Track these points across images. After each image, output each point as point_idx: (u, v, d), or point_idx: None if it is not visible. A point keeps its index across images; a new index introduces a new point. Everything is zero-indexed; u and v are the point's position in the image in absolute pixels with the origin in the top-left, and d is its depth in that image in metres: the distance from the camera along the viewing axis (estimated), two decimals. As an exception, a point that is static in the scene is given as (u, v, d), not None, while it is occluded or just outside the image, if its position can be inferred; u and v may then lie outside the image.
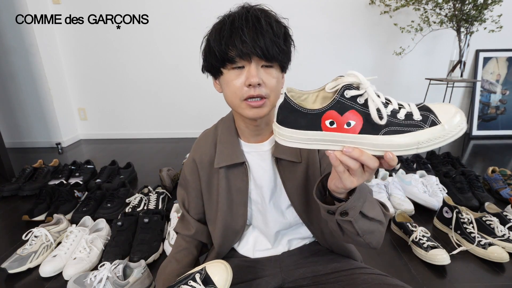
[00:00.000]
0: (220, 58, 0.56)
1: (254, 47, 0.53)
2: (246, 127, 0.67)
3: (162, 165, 1.96)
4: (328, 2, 2.42)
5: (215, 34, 0.57)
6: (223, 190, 0.69)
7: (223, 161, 0.68)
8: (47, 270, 1.04)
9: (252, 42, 0.53)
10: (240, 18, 0.54)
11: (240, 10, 0.57)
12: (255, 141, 0.68)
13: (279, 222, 0.72)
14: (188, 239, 0.75)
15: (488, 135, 2.60)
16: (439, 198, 1.38)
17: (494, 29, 2.10)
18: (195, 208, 0.75)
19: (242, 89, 0.57)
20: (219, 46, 0.55)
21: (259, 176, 0.70)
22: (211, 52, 0.58)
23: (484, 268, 1.05)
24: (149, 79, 2.68)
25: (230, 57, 0.55)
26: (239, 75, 0.57)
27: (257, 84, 0.55)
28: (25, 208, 1.53)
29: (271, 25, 0.54)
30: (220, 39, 0.55)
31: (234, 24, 0.54)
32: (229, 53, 0.55)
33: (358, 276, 0.65)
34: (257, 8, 0.57)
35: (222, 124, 0.72)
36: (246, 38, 0.53)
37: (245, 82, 0.56)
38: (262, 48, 0.53)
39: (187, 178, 0.74)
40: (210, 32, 0.59)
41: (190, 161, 0.73)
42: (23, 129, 2.61)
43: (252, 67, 0.55)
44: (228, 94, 0.60)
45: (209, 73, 0.64)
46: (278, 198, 0.71)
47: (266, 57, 0.54)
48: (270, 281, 0.71)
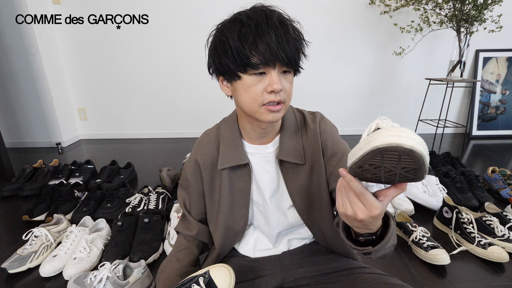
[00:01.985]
0: (241, 63, 0.54)
1: (279, 54, 0.52)
2: (252, 129, 0.66)
3: (162, 165, 1.96)
4: (328, 2, 2.42)
5: (236, 36, 0.53)
6: (225, 191, 0.69)
7: (227, 162, 0.67)
8: (47, 270, 1.04)
9: (277, 48, 0.52)
10: (265, 22, 0.52)
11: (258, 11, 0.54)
12: (259, 143, 0.68)
13: (281, 222, 0.72)
14: (190, 238, 0.75)
15: (488, 135, 2.60)
16: (439, 198, 1.38)
17: (494, 29, 2.10)
18: (196, 209, 0.74)
19: (263, 94, 0.56)
20: (242, 51, 0.53)
21: (261, 178, 0.70)
22: (228, 55, 0.55)
23: (484, 268, 1.05)
24: (149, 79, 2.68)
25: (254, 63, 0.53)
26: (260, 81, 0.55)
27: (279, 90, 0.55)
28: (25, 208, 1.53)
29: (294, 30, 0.54)
30: (242, 43, 0.53)
31: (258, 28, 0.52)
32: (252, 58, 0.53)
33: (358, 275, 0.66)
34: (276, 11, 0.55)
35: (225, 124, 0.71)
36: (273, 43, 0.51)
37: (266, 88, 0.55)
38: (288, 55, 0.53)
39: (188, 179, 0.73)
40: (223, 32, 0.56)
41: (192, 162, 0.72)
42: (23, 129, 2.61)
43: (274, 74, 0.54)
44: (245, 99, 0.58)
45: (223, 75, 0.60)
46: (280, 199, 0.71)
47: (290, 63, 0.54)
48: (270, 281, 0.71)
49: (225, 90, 0.64)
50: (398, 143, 0.35)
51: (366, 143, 0.38)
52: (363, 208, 0.43)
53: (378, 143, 0.36)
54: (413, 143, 0.35)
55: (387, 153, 0.36)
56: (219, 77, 0.62)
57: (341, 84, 2.66)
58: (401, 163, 0.37)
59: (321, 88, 2.63)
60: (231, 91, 0.62)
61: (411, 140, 0.35)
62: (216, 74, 0.63)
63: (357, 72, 2.62)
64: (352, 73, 2.62)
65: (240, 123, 0.69)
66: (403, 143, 0.35)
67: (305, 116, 0.71)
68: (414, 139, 0.36)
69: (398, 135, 0.36)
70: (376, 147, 0.36)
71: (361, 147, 0.39)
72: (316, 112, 0.72)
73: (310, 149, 0.68)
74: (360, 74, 2.63)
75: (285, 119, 0.68)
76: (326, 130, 0.68)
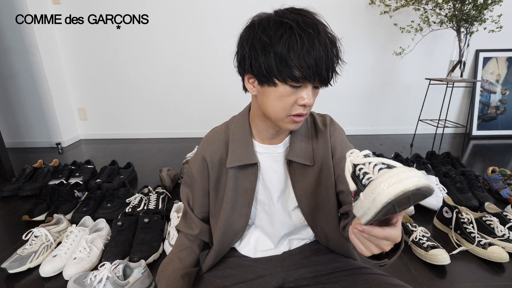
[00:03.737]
0: (284, 72, 0.52)
1: (323, 72, 0.52)
2: (265, 130, 0.66)
3: (162, 165, 1.96)
4: (328, 2, 2.42)
5: (286, 44, 0.51)
6: (229, 190, 0.69)
7: (236, 161, 0.67)
8: (47, 270, 1.04)
9: (324, 67, 0.52)
10: (317, 36, 0.51)
11: (307, 21, 0.52)
12: (269, 143, 0.68)
13: (285, 223, 0.72)
14: (191, 237, 0.74)
15: (488, 135, 2.60)
16: (439, 198, 1.38)
17: (494, 29, 2.11)
18: (200, 207, 0.73)
19: (293, 106, 0.56)
20: (288, 61, 0.51)
21: (269, 178, 0.69)
22: (270, 60, 0.52)
23: (484, 268, 1.05)
24: (149, 79, 2.68)
25: (295, 76, 0.52)
26: (294, 93, 0.55)
27: (311, 105, 0.57)
28: (25, 208, 1.53)
29: (335, 48, 0.54)
30: (289, 53, 0.51)
31: (309, 42, 0.50)
32: (296, 71, 0.51)
33: (358, 276, 0.66)
34: (319, 20, 0.54)
35: (235, 123, 0.70)
36: (321, 62, 0.51)
37: (298, 100, 0.56)
38: (328, 73, 0.53)
39: (194, 176, 0.72)
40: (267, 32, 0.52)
41: (199, 159, 0.70)
42: (23, 129, 2.61)
43: (310, 89, 0.55)
44: (274, 106, 0.57)
45: (255, 76, 0.57)
46: (286, 199, 0.71)
47: (326, 81, 0.55)
48: (271, 281, 0.71)
49: (250, 89, 0.61)
50: (403, 190, 0.35)
51: (371, 201, 0.38)
52: (388, 243, 0.44)
53: (386, 199, 0.36)
54: (414, 181, 0.35)
55: (397, 201, 0.36)
56: (246, 74, 0.60)
57: (341, 84, 2.66)
58: (412, 200, 0.38)
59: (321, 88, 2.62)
60: (257, 92, 0.60)
61: (411, 179, 0.35)
62: (244, 71, 0.59)
63: (357, 72, 2.62)
64: (352, 73, 2.62)
65: (252, 122, 0.68)
66: (408, 188, 0.35)
67: (315, 118, 0.72)
68: (412, 176, 0.36)
69: (398, 181, 0.36)
70: (386, 202, 0.36)
71: (369, 206, 0.39)
72: (325, 115, 0.73)
73: (320, 151, 0.68)
74: (360, 74, 2.63)
75: None
76: (335, 133, 0.70)
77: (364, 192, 0.40)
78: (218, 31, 2.47)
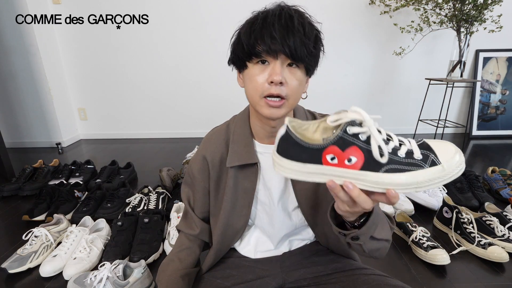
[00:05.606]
0: (247, 51, 0.55)
1: (282, 44, 0.52)
2: (262, 128, 0.65)
3: (162, 165, 1.96)
4: (328, 2, 2.42)
5: (246, 27, 0.56)
6: (229, 189, 0.68)
7: (236, 161, 0.66)
8: (47, 270, 1.04)
9: (281, 39, 0.52)
10: (274, 15, 0.54)
11: (275, 7, 0.56)
12: (269, 142, 0.67)
13: (285, 223, 0.72)
14: (192, 237, 0.74)
15: (488, 135, 2.60)
16: (439, 198, 1.38)
17: (494, 29, 2.10)
18: (201, 207, 0.73)
19: (263, 85, 0.56)
20: (248, 39, 0.55)
21: (270, 178, 0.69)
22: (239, 44, 0.57)
23: (484, 268, 1.05)
24: (149, 79, 2.68)
25: (257, 51, 0.54)
26: (263, 71, 0.56)
27: (279, 82, 0.54)
28: (25, 208, 1.53)
29: (303, 26, 0.54)
30: (250, 33, 0.55)
31: (266, 20, 0.54)
32: (257, 47, 0.54)
33: (358, 276, 0.65)
34: (292, 8, 0.56)
35: (235, 122, 0.70)
36: (276, 34, 0.52)
37: (268, 78, 0.55)
38: (291, 47, 0.52)
39: (195, 175, 0.72)
40: (242, 25, 0.59)
41: (200, 158, 0.71)
42: (23, 129, 2.61)
43: (277, 64, 0.54)
44: (249, 89, 0.59)
45: (234, 65, 0.63)
46: (286, 199, 0.71)
47: (293, 56, 0.54)
48: (271, 282, 0.71)
49: (239, 82, 0.64)
50: None
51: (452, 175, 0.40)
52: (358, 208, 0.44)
53: (461, 172, 0.40)
54: None
55: None
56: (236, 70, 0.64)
57: (341, 84, 2.66)
58: None
59: (320, 88, 2.63)
60: (243, 83, 0.63)
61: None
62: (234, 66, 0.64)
63: (357, 72, 2.62)
64: (352, 73, 2.62)
65: (251, 121, 0.68)
66: None
67: (316, 117, 0.71)
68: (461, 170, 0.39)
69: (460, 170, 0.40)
70: None
71: (443, 179, 0.39)
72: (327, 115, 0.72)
73: None
74: (360, 74, 2.63)
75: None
76: None
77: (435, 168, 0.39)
78: (218, 31, 2.47)
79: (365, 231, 0.50)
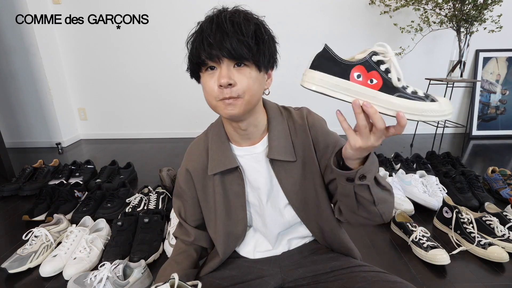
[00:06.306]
0: (195, 62, 0.57)
1: (220, 48, 0.53)
2: (234, 131, 0.66)
3: (162, 165, 1.96)
4: (328, 2, 2.42)
5: (189, 39, 0.59)
6: (220, 196, 0.69)
7: (216, 168, 0.67)
8: (47, 270, 1.04)
9: (217, 44, 0.53)
10: (206, 21, 0.56)
11: (211, 14, 0.58)
12: (247, 144, 0.68)
13: (278, 222, 0.72)
14: (187, 243, 0.76)
15: (488, 135, 2.60)
16: (439, 198, 1.38)
17: (494, 29, 2.10)
18: (192, 216, 0.75)
19: (215, 90, 0.56)
20: (192, 51, 0.57)
21: (255, 179, 0.70)
22: (188, 57, 0.60)
23: (484, 268, 1.05)
24: (149, 79, 2.68)
25: (202, 60, 0.56)
26: (212, 77, 0.57)
27: (228, 84, 0.54)
28: (25, 208, 1.53)
29: (238, 25, 0.54)
30: (193, 44, 0.57)
31: (202, 28, 0.56)
32: (201, 55, 0.55)
33: (357, 274, 0.66)
34: (230, 10, 0.57)
35: (212, 130, 0.72)
36: (212, 39, 0.53)
37: (217, 83, 0.56)
38: (229, 49, 0.53)
39: (182, 187, 0.74)
40: (187, 38, 0.61)
41: (184, 170, 0.73)
42: (23, 129, 2.61)
43: (222, 68, 0.55)
44: (206, 96, 0.60)
45: (194, 78, 0.65)
46: (275, 198, 0.71)
47: (234, 57, 0.54)
48: (270, 281, 0.71)
49: None
50: None
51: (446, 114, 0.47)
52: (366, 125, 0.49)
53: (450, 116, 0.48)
54: None
55: None
56: None
57: (341, 84, 2.66)
58: None
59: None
60: None
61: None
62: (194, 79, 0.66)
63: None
64: (352, 73, 2.62)
65: (225, 127, 0.69)
66: None
67: (291, 112, 0.71)
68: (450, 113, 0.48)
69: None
70: None
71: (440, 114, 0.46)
72: (302, 108, 0.71)
73: (300, 145, 0.68)
74: (360, 74, 2.62)
75: (272, 117, 0.68)
76: (315, 124, 0.68)
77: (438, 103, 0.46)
78: (218, 31, 2.47)
79: (370, 166, 0.52)
